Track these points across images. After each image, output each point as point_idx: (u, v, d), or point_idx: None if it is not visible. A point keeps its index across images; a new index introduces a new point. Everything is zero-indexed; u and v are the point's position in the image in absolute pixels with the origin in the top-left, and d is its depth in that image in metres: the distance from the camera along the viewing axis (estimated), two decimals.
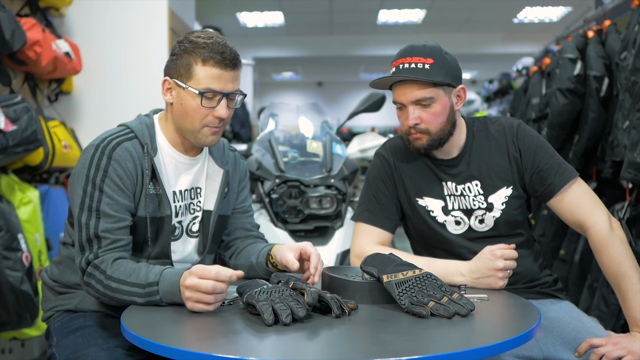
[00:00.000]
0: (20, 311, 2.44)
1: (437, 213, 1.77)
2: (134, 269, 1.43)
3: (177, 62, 1.56)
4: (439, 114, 1.69)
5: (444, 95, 1.69)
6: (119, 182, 1.51)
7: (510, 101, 5.76)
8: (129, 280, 1.42)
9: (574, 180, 1.72)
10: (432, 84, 1.66)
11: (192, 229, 1.70)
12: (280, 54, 10.68)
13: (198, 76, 1.53)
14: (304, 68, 13.52)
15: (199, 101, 1.54)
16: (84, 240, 1.48)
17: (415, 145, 1.73)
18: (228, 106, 1.57)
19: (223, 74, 1.53)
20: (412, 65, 1.66)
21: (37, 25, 2.87)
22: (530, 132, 1.79)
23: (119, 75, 3.58)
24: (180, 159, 1.65)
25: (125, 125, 1.62)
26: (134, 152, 1.55)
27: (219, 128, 1.59)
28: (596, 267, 2.98)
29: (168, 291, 1.38)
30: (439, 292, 1.34)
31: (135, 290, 1.41)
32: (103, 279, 1.44)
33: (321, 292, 1.35)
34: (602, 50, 3.14)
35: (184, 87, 1.54)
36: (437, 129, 1.70)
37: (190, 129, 1.58)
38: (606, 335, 1.63)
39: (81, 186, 1.50)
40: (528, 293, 1.73)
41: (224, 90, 1.54)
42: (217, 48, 1.52)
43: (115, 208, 1.50)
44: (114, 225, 1.49)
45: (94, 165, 1.51)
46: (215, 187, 1.71)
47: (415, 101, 1.68)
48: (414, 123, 1.69)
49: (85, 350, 1.46)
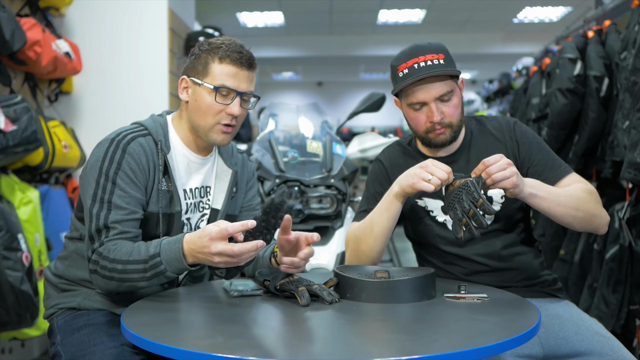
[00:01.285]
0: (20, 311, 2.44)
1: (437, 213, 1.78)
2: (133, 248, 1.46)
3: (195, 61, 1.62)
4: (457, 105, 1.72)
5: (457, 87, 1.73)
6: (131, 176, 1.54)
7: (510, 101, 5.76)
8: (131, 259, 1.44)
9: (569, 175, 1.72)
10: (449, 77, 1.69)
11: (199, 226, 1.72)
12: (280, 54, 10.68)
13: (214, 73, 1.59)
14: (304, 68, 13.52)
15: (214, 97, 1.58)
16: (94, 230, 1.50)
17: (439, 140, 1.73)
18: (242, 106, 1.62)
19: (238, 72, 1.59)
20: (429, 63, 1.67)
21: (37, 25, 2.87)
22: (526, 128, 1.82)
23: (119, 75, 3.58)
24: (192, 158, 1.68)
25: (138, 123, 1.65)
26: (147, 148, 1.58)
27: (231, 127, 1.63)
28: (596, 267, 2.99)
29: (171, 258, 1.42)
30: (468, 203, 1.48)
31: (140, 267, 1.44)
32: (107, 264, 1.46)
33: (308, 287, 1.38)
34: (602, 50, 3.15)
35: (200, 83, 1.60)
36: (457, 121, 1.73)
37: (203, 126, 1.62)
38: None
39: (94, 178, 1.52)
40: (527, 292, 1.73)
41: (238, 89, 1.59)
42: (234, 48, 1.60)
43: (127, 200, 1.52)
44: (124, 217, 1.51)
45: (108, 158, 1.53)
46: (224, 186, 1.74)
47: (438, 97, 1.69)
48: (440, 118, 1.70)
49: (92, 348, 1.46)
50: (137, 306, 1.43)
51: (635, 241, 2.68)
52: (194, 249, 1.40)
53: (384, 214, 1.69)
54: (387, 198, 1.68)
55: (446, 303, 1.43)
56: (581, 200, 1.64)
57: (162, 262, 1.42)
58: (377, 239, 1.70)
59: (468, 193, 1.51)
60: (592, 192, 1.69)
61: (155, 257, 1.43)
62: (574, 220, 1.65)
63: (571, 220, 1.64)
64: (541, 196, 1.59)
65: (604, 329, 1.68)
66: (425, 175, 1.55)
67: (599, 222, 1.69)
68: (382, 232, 1.70)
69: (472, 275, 1.74)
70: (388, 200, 1.67)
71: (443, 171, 1.54)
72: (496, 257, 1.75)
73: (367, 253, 1.72)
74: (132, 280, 1.46)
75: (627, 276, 2.73)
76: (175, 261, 1.42)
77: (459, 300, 1.45)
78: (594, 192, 1.69)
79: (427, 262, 1.84)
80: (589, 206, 1.65)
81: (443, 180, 1.54)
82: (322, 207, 2.69)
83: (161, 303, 1.45)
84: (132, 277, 1.45)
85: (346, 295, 1.47)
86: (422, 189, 1.55)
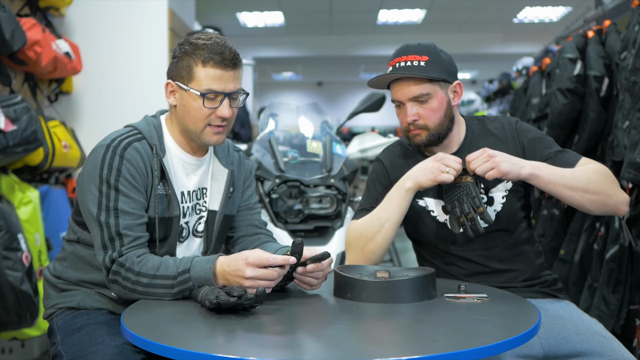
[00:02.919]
0: (20, 311, 2.44)
1: (438, 213, 1.78)
2: (160, 262, 1.47)
3: (178, 64, 1.59)
4: (436, 109, 1.72)
5: (440, 91, 1.72)
6: (132, 181, 1.53)
7: (510, 101, 5.76)
8: (158, 274, 1.45)
9: (580, 160, 1.71)
10: (428, 80, 1.70)
11: (197, 228, 1.71)
12: (280, 54, 10.68)
13: (199, 77, 1.55)
14: (304, 68, 13.52)
15: (201, 102, 1.56)
16: (106, 239, 1.49)
17: (415, 141, 1.76)
18: (231, 105, 1.60)
19: (223, 74, 1.56)
20: (408, 63, 1.70)
21: (37, 25, 2.87)
22: (528, 126, 1.82)
23: (119, 75, 3.58)
24: (188, 160, 1.67)
25: (132, 126, 1.63)
26: (143, 153, 1.57)
27: (223, 127, 1.61)
28: (596, 267, 2.99)
29: (201, 277, 1.43)
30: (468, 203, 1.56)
31: (168, 283, 1.44)
32: (131, 276, 1.46)
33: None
34: (602, 50, 3.14)
35: (186, 89, 1.57)
36: (435, 125, 1.73)
37: (193, 130, 1.61)
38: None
39: (95, 186, 1.51)
40: (527, 292, 1.73)
41: (225, 90, 1.57)
42: (216, 49, 1.55)
43: (133, 205, 1.52)
44: (134, 222, 1.51)
45: (106, 165, 1.52)
46: (221, 187, 1.72)
47: (412, 98, 1.71)
48: (412, 119, 1.72)
49: (93, 347, 1.46)
50: (137, 306, 1.43)
51: (635, 241, 2.67)
52: (227, 271, 1.41)
53: (395, 209, 1.70)
54: (399, 194, 1.69)
55: (446, 303, 1.43)
56: (591, 180, 1.62)
57: (191, 279, 1.43)
58: (386, 235, 1.71)
59: (468, 196, 1.53)
60: (604, 172, 1.66)
61: (185, 273, 1.44)
62: (586, 201, 1.63)
63: (583, 200, 1.63)
64: (543, 177, 1.61)
65: (604, 329, 1.67)
66: (443, 167, 1.63)
67: (615, 202, 1.65)
68: (392, 228, 1.71)
69: (473, 276, 1.74)
70: (400, 195, 1.69)
71: (456, 162, 1.64)
72: (497, 257, 1.75)
73: (375, 251, 1.72)
74: (157, 295, 1.46)
75: (627, 276, 2.73)
76: (204, 280, 1.43)
77: (459, 300, 1.45)
78: (607, 172, 1.66)
79: (428, 262, 1.83)
80: (600, 185, 1.62)
81: (458, 170, 1.63)
82: (322, 207, 2.69)
83: (161, 303, 1.45)
84: (157, 291, 1.46)
85: (346, 295, 1.46)
86: (443, 180, 1.63)
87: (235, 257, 1.41)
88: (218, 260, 1.43)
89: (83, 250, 1.63)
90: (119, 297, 1.54)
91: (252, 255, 1.39)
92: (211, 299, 1.31)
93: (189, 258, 1.47)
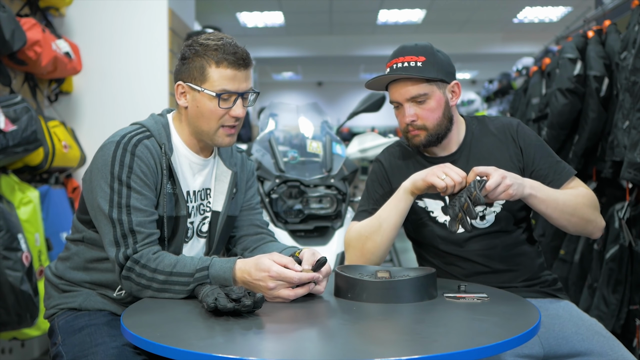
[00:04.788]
0: (20, 311, 2.44)
1: (437, 213, 1.78)
2: (177, 260, 1.48)
3: (189, 65, 1.58)
4: (434, 109, 1.72)
5: (438, 91, 1.72)
6: (144, 178, 1.53)
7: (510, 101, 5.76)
8: (175, 271, 1.46)
9: (572, 179, 1.75)
10: (425, 80, 1.70)
11: (201, 229, 1.72)
12: (280, 54, 10.68)
13: (213, 78, 1.56)
14: (304, 68, 13.52)
15: (216, 103, 1.56)
16: (119, 236, 1.49)
17: (414, 142, 1.76)
18: (243, 105, 1.61)
19: (237, 74, 1.57)
20: (405, 64, 1.70)
21: (37, 25, 2.87)
22: (529, 131, 1.82)
23: (119, 75, 3.58)
24: (195, 160, 1.68)
25: (140, 124, 1.63)
26: (153, 150, 1.57)
27: (235, 128, 1.63)
28: (596, 267, 2.99)
29: (219, 276, 1.44)
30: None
31: (185, 280, 1.45)
32: (147, 273, 1.47)
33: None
34: (602, 50, 3.15)
35: (200, 90, 1.57)
36: (433, 125, 1.73)
37: (207, 131, 1.61)
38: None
39: (107, 183, 1.51)
40: (527, 292, 1.73)
41: (239, 90, 1.58)
42: (229, 49, 1.56)
43: (145, 202, 1.52)
44: (146, 219, 1.51)
45: (117, 161, 1.51)
46: (224, 188, 1.73)
47: (410, 98, 1.72)
48: (410, 120, 1.73)
49: (94, 348, 1.46)
50: (137, 306, 1.43)
51: (635, 241, 2.68)
52: (248, 278, 1.43)
53: (393, 210, 1.70)
54: (397, 194, 1.69)
55: (446, 303, 1.43)
56: (578, 205, 1.67)
57: (209, 276, 1.45)
58: (384, 236, 1.70)
59: (468, 190, 1.52)
60: (591, 198, 1.72)
61: (203, 270, 1.45)
62: (569, 224, 1.69)
63: (566, 223, 1.68)
64: (540, 197, 1.62)
65: (604, 328, 1.67)
66: (440, 173, 1.59)
67: (593, 228, 1.72)
68: (390, 228, 1.70)
69: (473, 276, 1.74)
70: (398, 196, 1.69)
71: (458, 175, 1.57)
72: (497, 257, 1.75)
73: (373, 251, 1.72)
74: (172, 292, 1.46)
75: (627, 276, 2.73)
76: (222, 279, 1.44)
77: (459, 300, 1.45)
78: (593, 198, 1.72)
79: (428, 262, 1.84)
80: (585, 211, 1.68)
81: (456, 182, 1.56)
82: (322, 207, 2.69)
83: (161, 303, 1.45)
84: (173, 288, 1.46)
85: (347, 295, 1.47)
86: (432, 182, 1.59)
87: (258, 267, 1.43)
88: (237, 265, 1.45)
89: (87, 252, 1.63)
90: (130, 294, 1.54)
91: (279, 271, 1.40)
92: (209, 303, 1.31)
93: (206, 257, 1.49)
